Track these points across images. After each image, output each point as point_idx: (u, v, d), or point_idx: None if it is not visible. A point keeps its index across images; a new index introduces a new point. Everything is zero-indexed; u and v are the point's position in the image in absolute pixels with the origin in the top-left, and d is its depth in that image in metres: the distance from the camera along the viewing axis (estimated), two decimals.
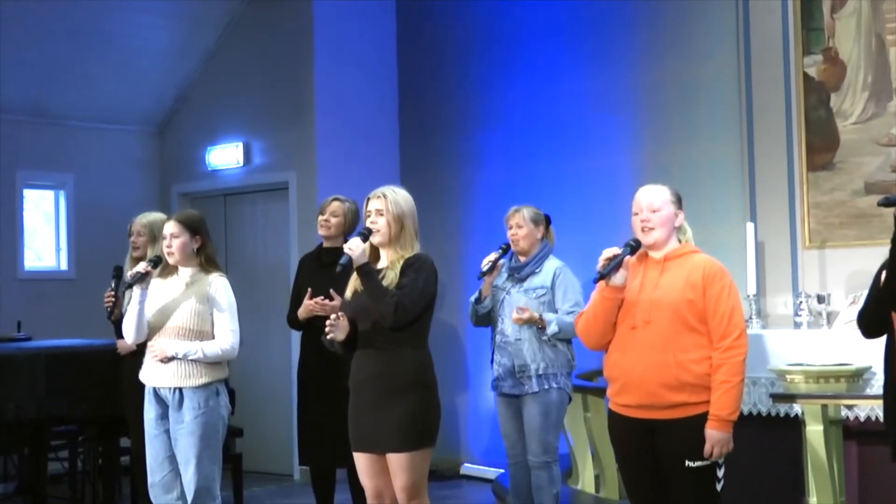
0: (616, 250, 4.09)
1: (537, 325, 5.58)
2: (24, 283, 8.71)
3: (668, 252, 4.19)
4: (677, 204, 4.23)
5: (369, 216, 4.55)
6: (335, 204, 6.06)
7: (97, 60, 8.63)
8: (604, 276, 4.06)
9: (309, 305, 5.73)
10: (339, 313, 4.53)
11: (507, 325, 5.66)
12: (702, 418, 4.02)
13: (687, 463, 4.02)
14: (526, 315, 5.56)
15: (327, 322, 4.49)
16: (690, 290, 4.07)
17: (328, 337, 4.54)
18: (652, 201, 4.19)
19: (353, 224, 6.07)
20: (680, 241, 4.25)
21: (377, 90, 8.79)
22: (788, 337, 6.16)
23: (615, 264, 4.07)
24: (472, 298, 5.79)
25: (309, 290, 5.80)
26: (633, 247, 4.15)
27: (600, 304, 4.15)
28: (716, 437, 4.01)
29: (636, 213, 4.21)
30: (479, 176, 8.38)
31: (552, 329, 5.55)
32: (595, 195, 7.65)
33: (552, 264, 5.75)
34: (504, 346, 5.70)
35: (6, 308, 8.28)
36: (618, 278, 4.09)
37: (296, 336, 7.64)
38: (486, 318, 5.80)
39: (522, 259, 5.79)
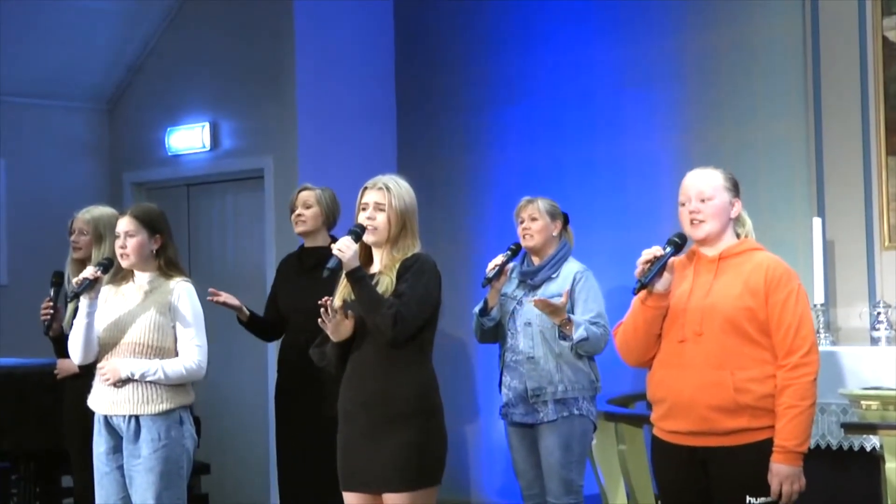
0: (657, 251, 4.08)
1: (563, 328, 5.57)
2: None
3: (724, 249, 4.19)
4: (733, 191, 4.23)
5: (364, 209, 4.56)
6: (305, 193, 6.09)
7: (33, 23, 8.63)
8: (645, 284, 4.06)
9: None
10: (338, 307, 4.52)
11: (519, 340, 5.67)
12: (765, 445, 4.03)
13: (748, 500, 4.04)
14: (551, 301, 5.51)
15: (323, 313, 4.46)
16: (750, 296, 4.07)
17: (319, 346, 4.55)
18: (702, 188, 4.19)
19: (333, 213, 6.09)
20: (738, 236, 4.25)
21: (370, 59, 8.79)
22: (863, 355, 6.15)
23: (658, 268, 4.06)
24: (477, 310, 5.79)
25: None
26: (678, 244, 4.14)
27: (641, 314, 4.16)
28: (783, 472, 4.02)
29: (683, 203, 4.21)
30: (491, 162, 8.39)
31: (579, 334, 5.52)
32: (629, 185, 7.66)
33: (572, 267, 5.76)
34: (515, 365, 5.70)
35: None
36: (661, 284, 4.09)
37: (273, 352, 7.67)
38: (494, 333, 5.81)
39: (536, 261, 5.79)
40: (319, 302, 4.44)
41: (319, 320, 4.48)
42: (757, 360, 4.06)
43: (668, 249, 4.10)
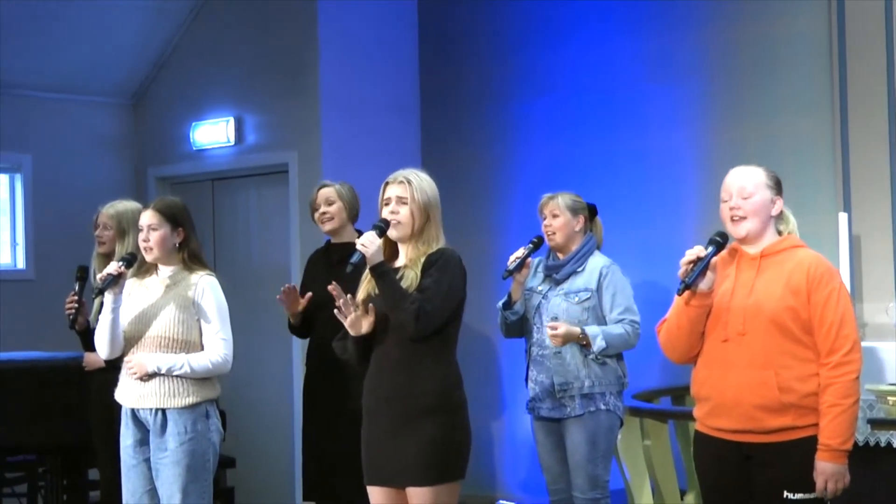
0: (700, 251, 4.07)
1: (580, 342, 5.58)
2: None
3: (765, 247, 4.19)
4: (775, 189, 4.23)
5: (387, 204, 4.57)
6: (325, 190, 6.06)
7: (59, 19, 8.66)
8: (689, 285, 4.06)
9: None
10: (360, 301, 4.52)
11: (546, 334, 5.65)
12: (807, 443, 4.05)
13: (786, 495, 4.05)
14: (561, 331, 5.54)
15: (339, 302, 4.46)
16: (792, 295, 4.08)
17: (341, 339, 4.55)
18: (744, 185, 4.20)
19: (355, 207, 6.08)
20: (780, 234, 4.24)
21: (394, 53, 8.78)
22: (890, 350, 6.13)
23: (701, 268, 4.06)
24: (500, 304, 5.79)
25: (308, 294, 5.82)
26: (720, 242, 4.13)
27: (685, 314, 4.17)
28: (828, 470, 4.04)
29: (725, 200, 4.21)
30: (515, 156, 8.37)
31: (598, 345, 5.54)
32: (652, 180, 7.64)
33: (597, 262, 5.74)
34: (541, 360, 5.70)
35: None
36: (705, 283, 4.10)
37: (298, 347, 7.69)
38: (519, 328, 5.80)
39: (561, 256, 5.78)
40: (333, 292, 4.45)
41: (335, 311, 4.49)
42: (800, 359, 4.07)
43: (710, 249, 4.09)
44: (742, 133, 7.29)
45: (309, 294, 5.90)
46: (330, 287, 4.50)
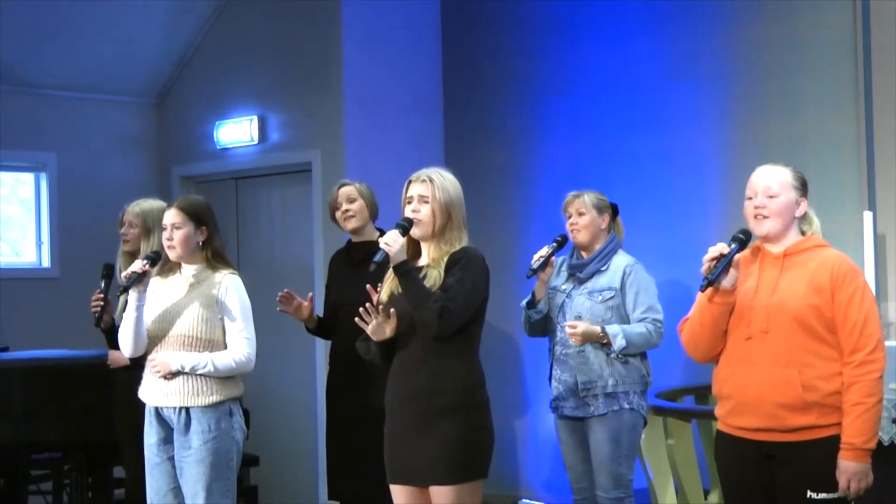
0: (723, 248, 4.07)
1: (600, 341, 5.58)
2: None
3: (789, 247, 4.19)
4: (800, 190, 4.24)
5: (410, 203, 4.57)
6: (346, 188, 6.03)
7: (83, 19, 8.70)
8: (712, 282, 4.06)
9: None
10: (380, 305, 4.53)
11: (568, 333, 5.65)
12: (830, 442, 4.05)
13: (809, 494, 4.05)
14: (580, 330, 5.54)
15: (363, 308, 4.47)
16: (815, 293, 4.08)
17: (364, 340, 4.56)
18: (770, 185, 4.19)
19: (375, 205, 6.07)
20: (803, 233, 4.24)
21: (417, 51, 8.78)
22: None
23: (724, 265, 4.06)
24: (524, 303, 5.79)
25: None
26: (743, 240, 4.14)
27: (708, 311, 4.16)
28: (851, 469, 4.03)
29: (750, 198, 4.21)
30: (539, 155, 8.36)
31: (619, 344, 5.54)
32: (676, 179, 7.62)
33: (621, 261, 5.74)
34: (565, 359, 5.70)
35: None
36: (728, 280, 4.10)
37: (322, 345, 7.70)
38: (543, 327, 5.80)
39: (585, 255, 5.78)
40: (373, 295, 4.46)
41: (357, 319, 4.50)
42: (824, 358, 4.07)
43: (734, 246, 4.10)
44: (766, 132, 7.26)
45: (311, 294, 5.90)
46: (369, 286, 4.50)
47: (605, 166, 7.80)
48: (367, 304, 4.48)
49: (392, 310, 4.51)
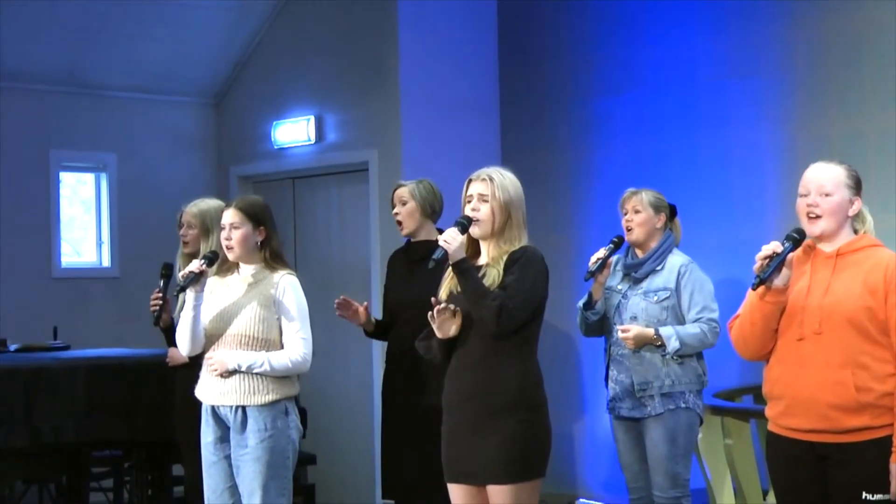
0: (776, 246, 4.03)
1: (654, 344, 5.55)
2: (61, 283, 8.88)
3: (841, 246, 4.14)
4: (854, 189, 4.17)
5: (469, 202, 4.57)
6: (399, 191, 5.92)
7: (143, 20, 8.76)
8: (764, 280, 4.02)
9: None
10: (450, 305, 4.52)
11: None
12: (885, 442, 3.99)
13: (864, 496, 3.99)
14: (632, 333, 5.52)
15: (432, 314, 4.47)
16: (869, 295, 4.03)
17: (425, 339, 4.56)
18: (823, 183, 4.14)
19: (432, 204, 5.94)
20: (856, 232, 4.19)
21: (474, 50, 8.77)
22: None
23: (776, 264, 4.02)
24: (581, 303, 5.77)
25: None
26: (797, 239, 4.09)
27: (759, 310, 4.12)
28: None
29: (803, 195, 4.16)
30: (596, 153, 8.34)
31: (672, 345, 5.51)
32: (734, 176, 7.57)
33: (676, 260, 5.71)
34: (621, 359, 5.67)
35: (41, 312, 8.44)
36: (780, 279, 4.05)
37: (378, 345, 7.71)
38: (599, 327, 5.78)
39: (640, 254, 5.75)
40: (434, 301, 4.46)
41: (429, 314, 4.49)
42: (877, 359, 4.02)
43: (787, 245, 4.05)
44: (824, 129, 7.19)
45: (366, 303, 5.88)
46: (434, 300, 4.50)
47: (663, 165, 7.77)
48: (438, 304, 4.47)
49: (458, 308, 4.51)
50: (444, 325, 4.52)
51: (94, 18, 8.57)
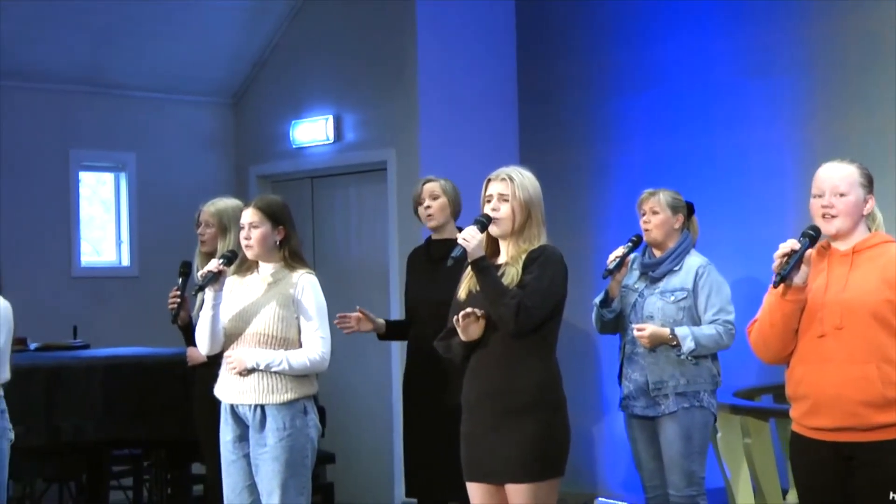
0: (794, 244, 4.03)
1: (669, 343, 5.54)
2: (80, 282, 8.92)
3: (857, 243, 4.14)
4: (868, 187, 4.18)
5: (489, 201, 4.57)
6: (430, 185, 5.98)
7: (161, 20, 8.79)
8: (784, 277, 4.01)
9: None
10: (476, 311, 4.51)
11: None
12: None
13: (893, 496, 3.98)
14: (647, 332, 5.52)
15: (457, 318, 4.47)
16: (887, 288, 4.03)
17: (444, 339, 4.56)
18: (837, 183, 4.14)
19: (458, 204, 6.03)
20: (869, 230, 4.19)
21: (492, 50, 8.77)
22: None
23: (795, 261, 4.01)
24: (597, 301, 5.76)
25: None
26: (813, 236, 4.08)
27: (779, 309, 4.11)
28: None
29: (817, 196, 4.15)
30: (614, 152, 8.33)
31: (688, 346, 5.50)
32: (752, 176, 7.55)
33: (694, 261, 5.70)
34: (636, 357, 5.67)
35: (60, 310, 8.48)
36: (799, 277, 4.04)
37: (397, 344, 7.72)
38: (614, 325, 5.78)
39: (658, 254, 5.75)
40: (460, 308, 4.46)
41: (454, 318, 4.49)
42: None
43: (804, 242, 4.04)
44: (843, 128, 7.17)
45: (358, 308, 5.88)
46: (462, 312, 4.50)
47: (682, 164, 7.75)
48: (467, 310, 4.46)
49: (482, 311, 4.50)
50: (469, 329, 4.52)
51: (113, 19, 8.60)
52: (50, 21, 8.37)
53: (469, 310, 4.47)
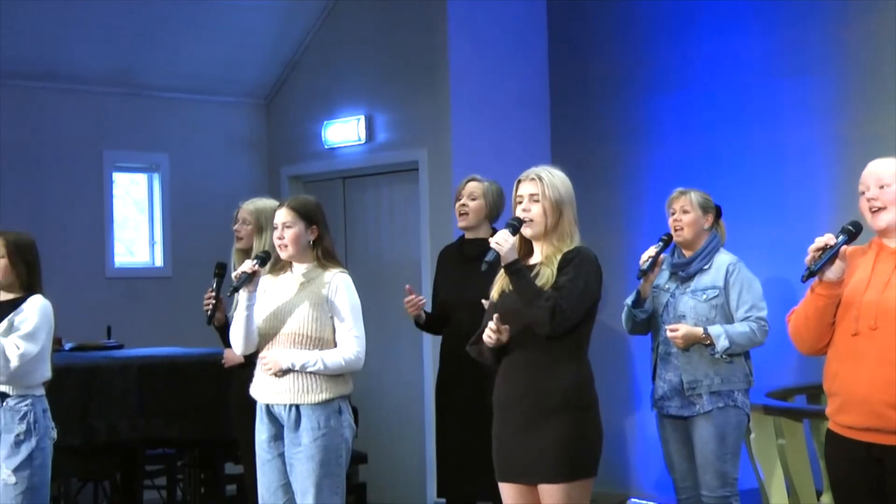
0: (829, 239, 4.01)
1: (703, 342, 5.54)
2: (114, 282, 8.96)
3: None
4: None
5: (520, 202, 4.57)
6: (472, 184, 6.05)
7: (194, 22, 8.83)
8: (814, 272, 3.99)
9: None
10: (504, 326, 4.51)
11: None
12: None
13: None
14: (681, 333, 5.51)
15: (490, 326, 4.48)
16: None
17: (475, 344, 4.57)
18: (881, 175, 4.10)
19: (497, 207, 6.06)
20: None
21: (523, 49, 8.76)
22: None
23: (829, 256, 3.99)
24: (629, 301, 5.76)
25: None
26: (852, 232, 4.03)
27: (812, 303, 4.09)
28: None
29: (863, 192, 4.13)
30: (646, 152, 8.31)
31: (722, 344, 5.50)
32: (785, 176, 7.53)
33: (724, 259, 5.70)
34: (670, 357, 5.67)
35: (94, 311, 8.51)
36: (833, 272, 4.01)
37: (430, 343, 7.73)
38: (645, 325, 5.78)
39: (687, 254, 5.74)
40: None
41: (485, 337, 4.49)
42: None
43: (841, 237, 4.00)
44: (875, 127, 7.13)
45: (422, 298, 5.93)
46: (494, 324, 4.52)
47: (714, 163, 7.74)
48: (493, 324, 4.47)
49: (505, 326, 4.50)
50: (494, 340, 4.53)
51: (147, 21, 8.64)
52: (84, 23, 8.41)
53: (494, 325, 4.47)
